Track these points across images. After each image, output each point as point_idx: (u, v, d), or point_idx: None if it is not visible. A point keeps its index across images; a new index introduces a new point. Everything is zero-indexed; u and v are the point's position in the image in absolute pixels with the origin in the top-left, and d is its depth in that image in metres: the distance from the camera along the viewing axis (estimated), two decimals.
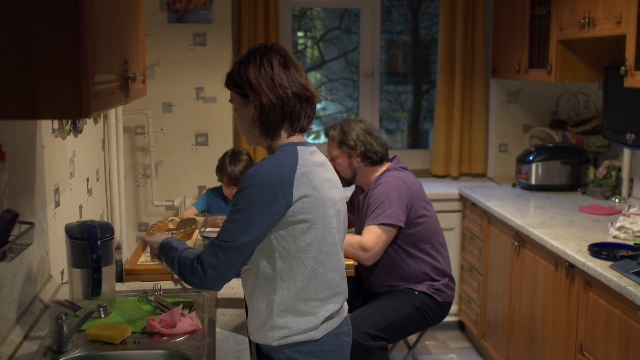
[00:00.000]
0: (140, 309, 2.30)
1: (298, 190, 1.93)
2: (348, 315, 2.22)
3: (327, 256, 2.02)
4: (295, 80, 2.01)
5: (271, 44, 2.07)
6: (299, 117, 2.03)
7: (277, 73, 1.99)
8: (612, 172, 3.99)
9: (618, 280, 2.53)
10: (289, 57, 2.05)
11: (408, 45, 5.50)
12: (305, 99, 2.02)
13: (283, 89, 1.99)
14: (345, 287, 2.15)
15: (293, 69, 2.02)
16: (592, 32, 3.41)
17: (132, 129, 4.33)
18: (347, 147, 3.33)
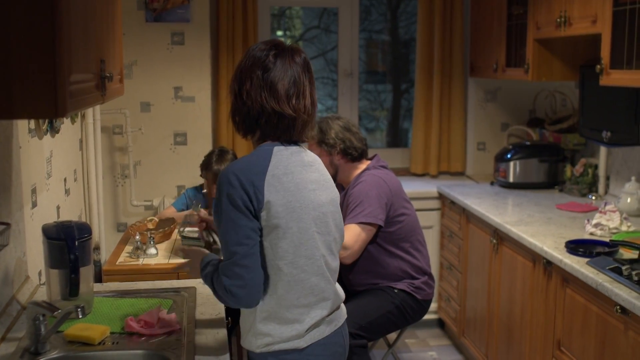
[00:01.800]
0: (119, 309, 2.29)
1: (269, 194, 1.88)
2: (344, 327, 2.14)
3: (308, 261, 1.95)
4: (265, 89, 1.93)
5: (290, 47, 2.00)
6: (263, 128, 1.97)
7: (245, 75, 1.97)
8: (589, 169, 4.04)
9: (594, 277, 2.56)
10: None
11: (387, 44, 5.51)
12: (272, 112, 1.94)
13: (245, 93, 1.95)
14: (334, 292, 2.06)
15: (275, 76, 1.94)
16: (568, 31, 3.44)
17: (110, 129, 4.31)
18: (326, 145, 3.34)
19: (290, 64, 1.95)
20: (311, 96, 1.99)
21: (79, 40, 1.66)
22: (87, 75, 1.77)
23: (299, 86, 1.96)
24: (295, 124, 1.96)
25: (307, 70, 1.99)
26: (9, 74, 1.46)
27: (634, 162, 3.64)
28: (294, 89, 1.95)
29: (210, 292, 2.42)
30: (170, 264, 3.09)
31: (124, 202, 4.39)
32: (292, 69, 1.95)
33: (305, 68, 1.98)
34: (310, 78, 2.00)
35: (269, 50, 1.96)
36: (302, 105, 1.96)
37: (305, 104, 1.97)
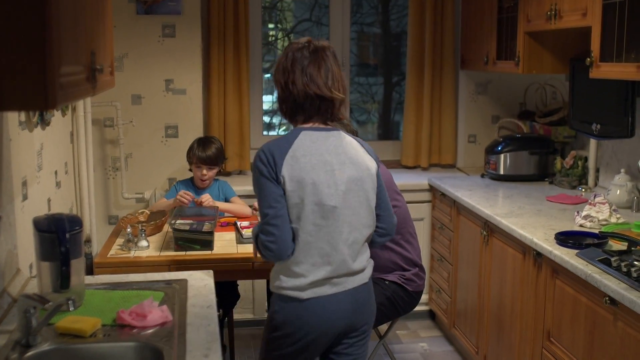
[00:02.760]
0: (110, 301, 2.29)
1: (285, 170, 2.28)
2: (359, 292, 2.42)
3: (316, 228, 2.30)
4: (306, 79, 2.32)
5: (313, 44, 2.38)
6: (308, 110, 2.36)
7: (289, 69, 2.35)
8: (579, 162, 4.06)
9: (584, 268, 2.58)
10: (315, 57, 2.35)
11: (378, 37, 5.51)
12: (315, 96, 2.34)
13: (291, 84, 2.34)
14: (340, 260, 2.35)
15: (313, 68, 2.33)
16: (558, 24, 3.45)
17: (101, 122, 4.30)
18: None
19: (322, 58, 2.35)
20: (342, 81, 2.38)
21: (68, 32, 1.66)
22: (77, 67, 1.76)
23: (331, 74, 2.34)
24: (333, 104, 2.37)
25: (336, 61, 2.38)
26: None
27: (623, 155, 3.66)
28: (329, 76, 2.34)
29: (202, 285, 2.45)
30: (161, 256, 3.09)
31: (115, 195, 4.39)
32: (324, 61, 2.34)
33: (334, 59, 2.37)
34: (339, 67, 2.39)
35: (304, 49, 2.36)
36: (337, 88, 2.35)
37: (339, 87, 2.36)
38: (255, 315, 4.47)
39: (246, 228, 3.40)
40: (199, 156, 3.76)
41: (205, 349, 1.92)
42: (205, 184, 3.84)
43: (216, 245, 3.22)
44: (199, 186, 3.85)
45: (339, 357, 2.50)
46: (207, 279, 2.52)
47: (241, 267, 3.12)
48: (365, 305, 2.47)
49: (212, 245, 3.18)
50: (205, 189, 3.84)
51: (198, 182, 3.84)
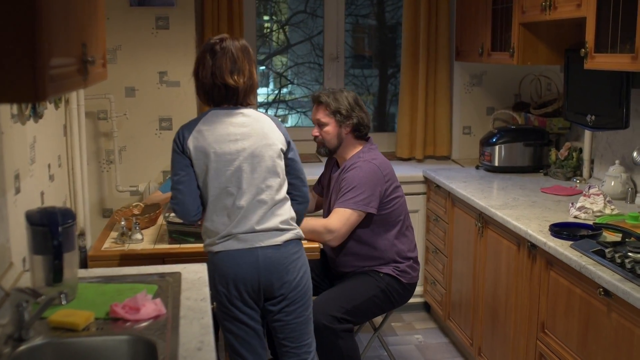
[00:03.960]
0: (104, 294, 2.28)
1: (191, 143, 2.64)
2: (263, 251, 2.66)
3: (219, 191, 2.65)
4: (214, 70, 2.65)
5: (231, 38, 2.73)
6: (217, 97, 2.70)
7: (201, 61, 2.70)
8: (574, 153, 4.05)
9: (578, 260, 2.58)
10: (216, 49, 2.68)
11: (374, 29, 5.50)
12: (222, 85, 2.68)
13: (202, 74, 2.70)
14: (241, 218, 2.64)
15: (221, 61, 2.65)
16: (553, 15, 3.44)
17: (95, 114, 4.28)
18: (340, 115, 3.29)
19: (229, 51, 2.66)
20: (249, 72, 2.69)
21: (59, 23, 1.64)
22: (68, 59, 1.75)
23: (237, 66, 2.66)
24: (238, 92, 2.68)
25: (246, 53, 2.69)
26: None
27: (618, 146, 3.66)
28: (235, 67, 2.65)
29: (195, 278, 2.45)
30: (155, 249, 3.08)
31: (110, 188, 4.37)
32: (231, 54, 2.66)
33: (243, 53, 2.68)
34: (249, 59, 2.70)
35: (216, 44, 2.68)
36: (240, 78, 2.66)
37: (243, 76, 2.67)
38: None
39: None
40: None
41: (199, 342, 1.92)
42: None
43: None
44: None
45: (273, 325, 2.80)
46: (201, 272, 2.52)
47: None
48: (275, 268, 2.67)
49: None
50: None
51: None
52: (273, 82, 5.60)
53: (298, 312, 2.75)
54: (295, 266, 2.71)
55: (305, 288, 2.76)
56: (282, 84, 5.58)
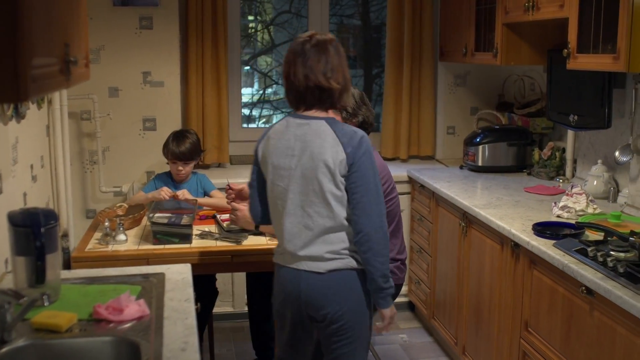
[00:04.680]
0: (87, 296, 2.27)
1: (260, 150, 2.58)
2: (303, 276, 2.50)
3: (274, 206, 2.56)
4: (307, 71, 2.44)
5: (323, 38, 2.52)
6: (310, 100, 2.48)
7: (291, 61, 2.48)
8: (557, 153, 4.08)
9: (561, 258, 2.60)
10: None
11: (358, 29, 5.50)
12: (315, 87, 2.46)
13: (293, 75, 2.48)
14: (286, 240, 2.51)
15: (313, 61, 2.45)
16: (536, 15, 3.46)
17: (78, 114, 4.26)
18: (347, 113, 3.26)
19: (323, 50, 2.46)
20: (342, 71, 2.49)
21: (41, 23, 1.63)
22: (50, 59, 1.74)
23: (330, 65, 2.45)
24: (332, 93, 2.47)
25: (338, 52, 2.49)
26: None
27: (600, 146, 3.69)
28: (327, 67, 2.45)
29: (179, 278, 2.44)
30: (139, 250, 3.07)
31: (93, 189, 4.35)
32: (325, 53, 2.46)
33: (335, 51, 2.48)
34: (340, 56, 2.50)
35: (306, 42, 2.48)
36: (335, 79, 2.46)
37: (338, 77, 2.47)
38: (235, 308, 4.46)
39: (227, 221, 3.38)
40: (173, 152, 3.73)
41: (183, 343, 1.91)
42: (183, 178, 3.82)
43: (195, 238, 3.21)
44: (177, 180, 3.83)
45: (324, 352, 2.64)
46: (185, 273, 2.51)
47: (220, 260, 3.11)
48: (316, 296, 2.50)
49: (191, 238, 3.17)
50: (183, 183, 3.82)
51: (175, 177, 3.82)
52: (258, 82, 5.60)
53: (341, 344, 2.56)
54: (339, 298, 2.51)
55: (350, 323, 2.53)
56: (267, 84, 5.57)
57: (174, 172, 3.80)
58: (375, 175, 2.46)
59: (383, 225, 2.45)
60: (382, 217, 2.45)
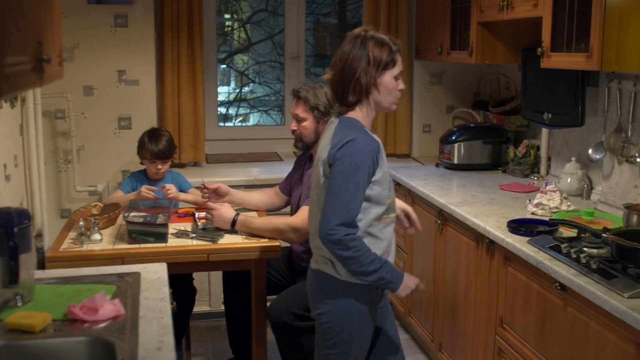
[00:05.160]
0: (61, 296, 2.25)
1: None
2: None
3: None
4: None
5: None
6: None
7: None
8: (531, 150, 4.12)
9: (535, 255, 2.62)
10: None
11: (335, 28, 5.51)
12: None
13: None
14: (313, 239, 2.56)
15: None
16: (510, 14, 3.49)
17: (52, 113, 4.22)
18: (318, 112, 3.27)
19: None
20: (344, 66, 2.50)
21: (13, 20, 1.62)
22: (22, 57, 1.72)
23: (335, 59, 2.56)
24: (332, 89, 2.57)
25: (353, 47, 2.48)
26: None
27: (574, 143, 3.73)
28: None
29: (155, 277, 2.42)
30: (115, 250, 3.05)
31: (68, 188, 4.31)
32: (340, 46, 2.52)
33: (352, 46, 2.49)
34: (350, 53, 2.49)
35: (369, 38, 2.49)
36: (334, 73, 2.54)
37: (336, 73, 2.54)
38: (212, 307, 4.45)
39: (203, 219, 3.37)
40: (153, 151, 3.71)
41: (158, 342, 1.91)
42: (160, 177, 3.80)
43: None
44: (153, 179, 3.81)
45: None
46: (161, 272, 2.50)
47: (196, 259, 3.10)
48: (309, 290, 2.62)
49: (167, 237, 3.15)
50: (159, 182, 3.80)
51: (153, 176, 3.80)
52: (234, 80, 5.59)
53: (319, 345, 2.62)
54: (317, 301, 2.58)
55: (323, 327, 2.56)
56: (244, 82, 5.56)
57: (152, 172, 3.78)
58: (347, 183, 2.38)
59: (335, 230, 2.36)
60: (338, 221, 2.36)
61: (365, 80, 2.44)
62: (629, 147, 3.08)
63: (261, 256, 3.15)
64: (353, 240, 2.38)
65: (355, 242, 2.39)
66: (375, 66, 2.44)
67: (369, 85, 2.45)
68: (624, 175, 3.16)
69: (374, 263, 2.42)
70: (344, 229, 2.36)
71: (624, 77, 3.12)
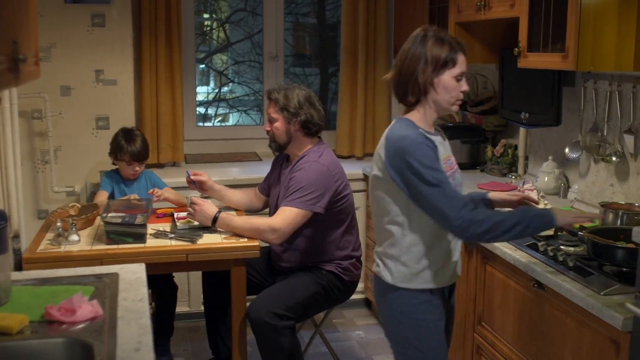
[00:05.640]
0: (39, 297, 2.23)
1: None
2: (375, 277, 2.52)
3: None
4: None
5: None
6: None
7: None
8: (509, 150, 4.15)
9: (512, 253, 2.65)
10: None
11: (314, 28, 5.51)
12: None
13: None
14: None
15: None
16: (487, 15, 3.52)
17: (29, 113, 4.18)
18: (288, 113, 3.29)
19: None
20: (402, 65, 2.44)
21: None
22: None
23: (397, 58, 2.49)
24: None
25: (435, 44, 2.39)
26: None
27: (551, 143, 3.76)
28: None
29: (133, 278, 2.41)
30: (93, 250, 3.03)
31: (45, 189, 4.28)
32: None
33: (413, 44, 2.43)
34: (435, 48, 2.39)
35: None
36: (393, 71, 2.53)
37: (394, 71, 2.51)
38: (192, 307, 4.44)
39: (182, 219, 3.36)
40: (132, 153, 3.68)
41: (137, 343, 1.90)
42: (135, 177, 3.79)
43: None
44: (128, 179, 3.79)
45: None
46: (139, 272, 2.49)
47: (175, 260, 3.09)
48: (375, 298, 2.56)
49: (145, 238, 3.14)
50: (135, 182, 3.79)
51: (129, 177, 3.78)
52: (214, 80, 5.57)
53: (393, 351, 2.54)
54: (381, 306, 2.51)
55: (388, 334, 2.52)
56: (223, 82, 5.55)
57: (128, 173, 3.75)
58: (430, 174, 2.26)
59: (458, 218, 2.23)
60: (454, 210, 2.23)
61: (422, 79, 2.36)
62: (605, 146, 3.12)
63: (240, 256, 3.14)
64: (477, 213, 2.24)
65: (480, 213, 2.25)
66: (433, 65, 2.35)
67: (426, 85, 2.37)
68: (600, 174, 3.20)
69: (508, 218, 2.25)
70: (463, 210, 2.22)
71: (599, 77, 3.15)
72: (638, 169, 2.96)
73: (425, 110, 2.45)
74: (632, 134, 2.95)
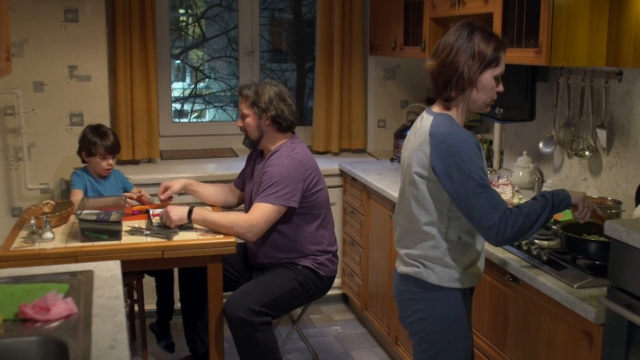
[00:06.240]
0: (12, 295, 2.21)
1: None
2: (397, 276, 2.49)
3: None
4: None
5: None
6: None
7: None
8: (484, 145, 4.17)
9: (487, 248, 2.66)
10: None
11: (290, 23, 5.50)
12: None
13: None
14: (395, 239, 2.51)
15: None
16: (462, 10, 3.53)
17: (2, 110, 4.13)
18: (258, 108, 3.30)
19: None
20: (445, 59, 2.31)
21: None
22: None
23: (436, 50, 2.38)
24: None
25: (479, 37, 2.29)
26: None
27: (525, 138, 3.79)
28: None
29: (108, 275, 2.40)
30: (67, 248, 3.00)
31: (18, 186, 4.23)
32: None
33: (456, 36, 2.31)
34: (478, 42, 2.29)
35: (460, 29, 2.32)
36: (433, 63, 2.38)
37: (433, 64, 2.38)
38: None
39: (157, 216, 3.34)
40: (106, 146, 3.67)
41: (112, 340, 1.89)
42: (108, 173, 3.77)
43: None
44: (100, 175, 3.76)
45: None
46: (114, 269, 2.47)
47: (151, 256, 3.07)
48: (396, 298, 2.51)
49: (120, 235, 3.12)
50: (105, 179, 3.77)
51: (102, 172, 3.75)
52: (189, 76, 5.54)
53: (417, 355, 2.48)
54: (408, 308, 2.44)
55: (418, 336, 2.43)
56: (199, 78, 5.52)
57: (102, 168, 3.72)
58: (467, 176, 2.17)
59: (495, 224, 2.15)
60: (491, 216, 2.16)
61: (468, 75, 2.25)
62: (578, 141, 3.15)
63: (216, 252, 3.14)
64: (510, 214, 2.16)
65: (513, 213, 2.16)
66: (479, 61, 2.26)
67: (471, 81, 2.27)
68: (573, 168, 3.23)
69: (532, 207, 2.20)
70: (498, 213, 2.15)
71: (572, 72, 3.18)
72: (610, 163, 3.00)
73: (462, 108, 2.35)
74: (605, 128, 2.98)
